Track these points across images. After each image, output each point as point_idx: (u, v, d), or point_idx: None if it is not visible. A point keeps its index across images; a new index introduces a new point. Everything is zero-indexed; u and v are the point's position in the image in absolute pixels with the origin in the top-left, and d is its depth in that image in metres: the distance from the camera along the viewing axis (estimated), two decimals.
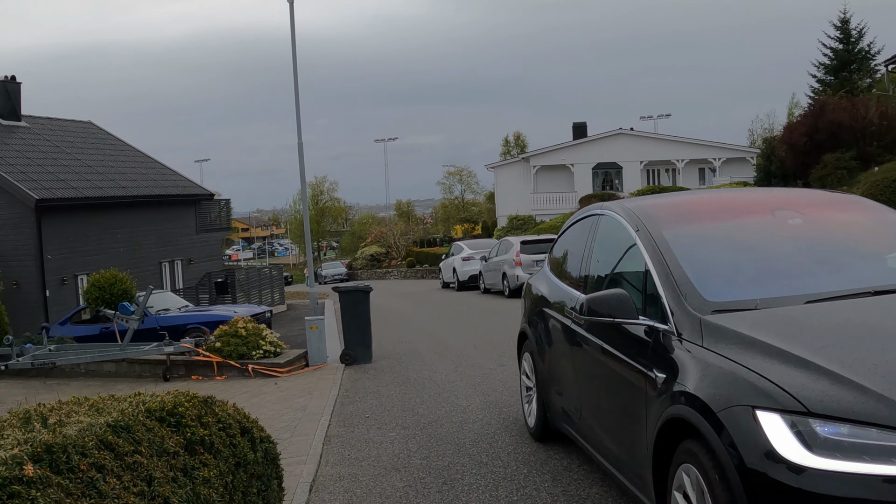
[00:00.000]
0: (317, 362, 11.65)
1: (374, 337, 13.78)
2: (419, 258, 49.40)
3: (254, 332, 11.41)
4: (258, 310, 15.38)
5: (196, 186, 29.53)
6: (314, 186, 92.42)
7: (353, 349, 11.83)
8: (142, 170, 28.70)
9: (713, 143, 48.22)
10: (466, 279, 27.87)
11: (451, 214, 79.59)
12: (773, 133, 65.71)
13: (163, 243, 27.49)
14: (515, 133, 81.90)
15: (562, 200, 46.09)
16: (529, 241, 22.70)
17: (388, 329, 16.65)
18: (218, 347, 11.37)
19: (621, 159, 46.91)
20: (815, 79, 50.34)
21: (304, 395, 9.59)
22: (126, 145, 30.89)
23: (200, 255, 29.29)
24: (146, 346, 11.77)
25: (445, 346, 13.06)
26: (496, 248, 24.75)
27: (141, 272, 26.18)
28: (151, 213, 27.13)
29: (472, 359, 11.49)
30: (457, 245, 30.76)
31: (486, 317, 17.37)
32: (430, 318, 18.41)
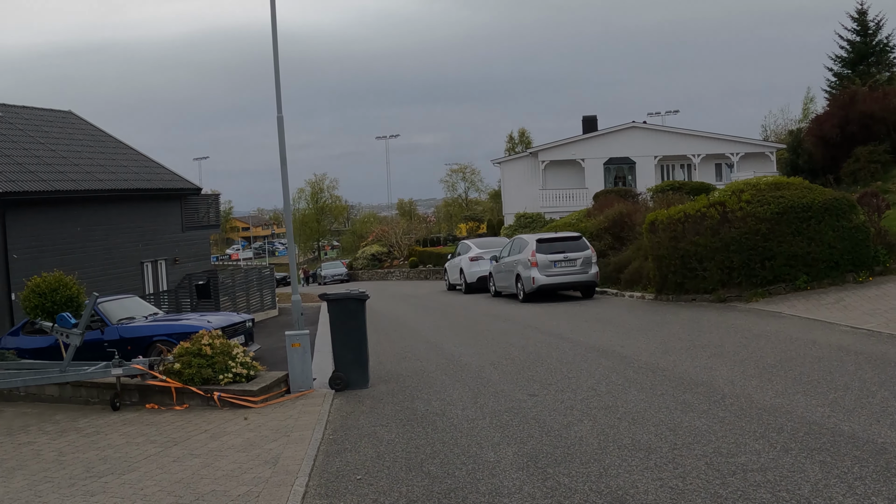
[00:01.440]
0: (300, 388, 9.43)
1: (372, 351, 11.56)
2: (422, 258, 47.14)
3: (222, 351, 9.19)
4: (237, 318, 13.15)
5: (182, 180, 27.32)
6: (314, 184, 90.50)
7: (346, 370, 9.62)
8: (123, 162, 26.48)
9: (731, 137, 45.91)
10: (475, 281, 25.64)
11: (455, 213, 77.52)
12: (787, 128, 63.82)
13: (145, 242, 25.27)
14: (520, 129, 79.87)
15: (572, 197, 43.80)
16: (546, 240, 20.45)
17: (388, 340, 14.40)
18: (177, 370, 9.16)
19: (634, 154, 44.63)
20: (832, 72, 48.49)
21: (278, 438, 7.36)
22: (107, 136, 28.66)
23: (187, 254, 27.06)
24: (90, 368, 9.56)
25: (458, 365, 10.83)
26: (508, 247, 22.50)
27: (120, 273, 24.00)
28: (132, 209, 24.90)
29: (493, 383, 9.26)
30: (463, 244, 28.50)
31: (500, 326, 15.12)
32: (437, 326, 16.17)
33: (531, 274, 19.87)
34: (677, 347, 11.04)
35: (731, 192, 18.75)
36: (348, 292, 9.59)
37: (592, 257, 20.35)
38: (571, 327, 14.06)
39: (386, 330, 16.29)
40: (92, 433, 8.42)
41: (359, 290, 9.69)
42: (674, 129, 45.28)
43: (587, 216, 27.92)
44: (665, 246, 18.02)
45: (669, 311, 15.81)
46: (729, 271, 17.24)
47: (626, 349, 11.15)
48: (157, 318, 13.28)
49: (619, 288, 20.89)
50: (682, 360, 9.98)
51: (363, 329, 9.65)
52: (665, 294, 18.32)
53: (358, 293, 9.53)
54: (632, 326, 13.73)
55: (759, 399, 7.62)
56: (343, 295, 9.54)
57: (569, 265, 20.00)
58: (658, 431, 6.72)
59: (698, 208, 17.75)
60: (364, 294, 9.56)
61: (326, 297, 9.55)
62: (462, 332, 14.68)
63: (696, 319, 14.07)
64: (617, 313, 16.12)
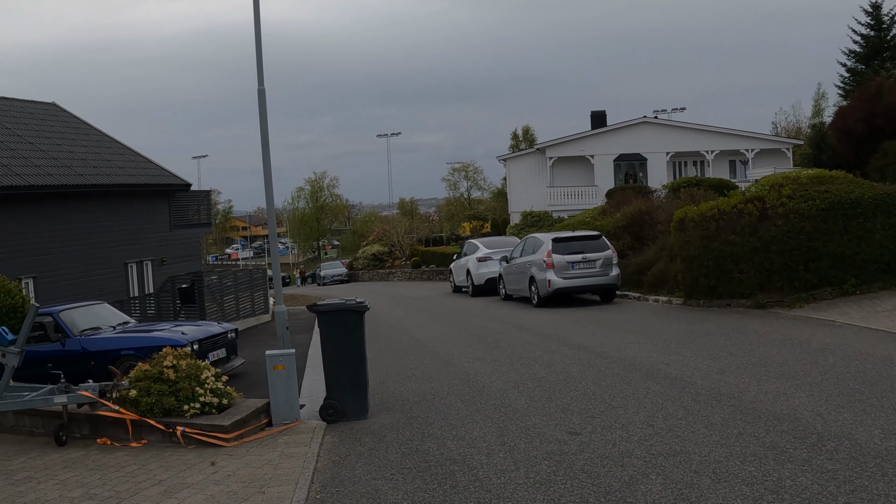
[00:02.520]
0: (284, 420, 7.71)
1: (373, 366, 9.89)
2: (425, 258, 45.41)
3: (188, 374, 7.48)
4: (217, 329, 11.44)
5: (170, 175, 25.60)
6: (313, 183, 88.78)
7: (340, 397, 7.92)
8: (106, 156, 24.76)
9: (745, 132, 44.21)
10: (483, 283, 23.92)
11: (457, 212, 75.83)
12: (798, 124, 62.15)
13: (129, 241, 23.55)
14: (524, 127, 78.32)
15: (581, 195, 42.09)
16: (563, 239, 18.72)
17: (391, 353, 12.69)
18: (133, 398, 7.46)
19: (646, 150, 42.88)
20: (845, 67, 47.08)
21: (249, 497, 5.65)
22: (91, 129, 26.95)
23: (175, 254, 25.36)
24: (30, 394, 7.86)
25: (474, 387, 9.12)
26: (520, 246, 20.79)
27: (102, 275, 22.30)
28: (116, 206, 23.19)
29: (521, 414, 7.56)
30: (470, 243, 26.77)
31: (517, 336, 13.40)
32: (445, 335, 14.46)
33: (547, 276, 18.15)
34: (733, 366, 9.33)
35: (768, 187, 17.04)
36: (343, 302, 7.88)
37: (613, 258, 18.63)
38: (599, 338, 12.35)
39: (388, 339, 14.58)
40: (22, 480, 6.72)
41: (356, 298, 7.99)
42: (686, 125, 43.53)
43: (602, 214, 26.19)
44: (696, 246, 16.31)
45: (705, 318, 14.10)
46: (768, 274, 15.54)
47: (673, 368, 9.44)
48: (126, 329, 11.56)
49: (642, 291, 19.18)
50: (745, 384, 8.27)
51: (362, 347, 7.95)
52: (695, 299, 16.62)
53: (355, 304, 7.82)
54: (668, 337, 12.02)
55: (867, 441, 5.93)
56: (337, 306, 7.82)
57: (588, 267, 18.28)
58: (755, 494, 5.02)
59: (734, 204, 16.05)
60: (362, 305, 7.85)
61: (317, 308, 7.84)
62: (474, 343, 12.96)
63: (739, 329, 12.36)
64: (645, 321, 14.40)
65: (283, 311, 8.55)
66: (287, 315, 8.59)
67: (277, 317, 8.47)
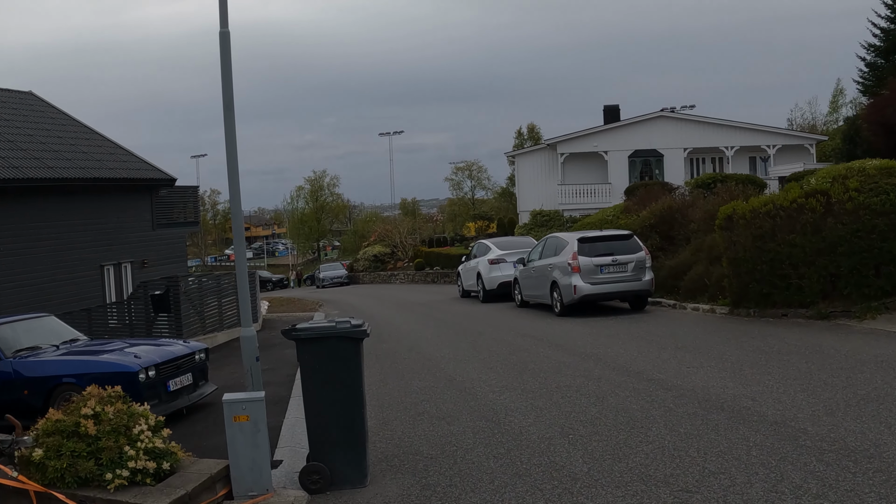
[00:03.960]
0: (250, 491, 5.50)
1: (374, 398, 7.77)
2: (429, 259, 43.19)
3: (116, 427, 5.28)
4: (180, 350, 9.25)
5: (153, 169, 23.41)
6: (313, 182, 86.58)
7: (329, 458, 5.74)
8: (83, 148, 22.58)
9: (766, 127, 42.01)
10: (495, 287, 21.74)
11: (460, 212, 73.72)
12: (815, 121, 59.95)
13: (106, 241, 21.40)
14: (529, 125, 76.14)
15: (594, 193, 39.93)
16: (590, 239, 16.52)
17: (395, 376, 10.51)
18: (38, 460, 5.29)
19: (662, 146, 40.68)
20: (864, 62, 45.38)
21: None
22: (70, 119, 24.77)
23: (158, 255, 23.20)
24: None
25: (509, 434, 6.94)
26: (540, 248, 18.60)
27: (75, 279, 20.14)
28: (91, 202, 21.05)
29: (585, 484, 5.39)
30: (481, 244, 24.58)
31: (547, 355, 11.21)
32: (460, 352, 12.29)
33: (572, 281, 15.95)
34: (839, 402, 7.15)
35: (830, 179, 14.86)
36: (332, 325, 5.68)
37: (646, 261, 16.44)
38: (648, 358, 10.16)
39: (392, 357, 12.40)
40: None
41: (350, 320, 5.78)
42: (705, 119, 41.29)
43: (625, 212, 24.00)
44: (747, 247, 14.13)
45: (764, 332, 11.91)
46: (833, 279, 13.38)
47: (763, 404, 7.26)
48: (72, 350, 9.37)
49: (677, 298, 16.99)
50: (875, 432, 6.10)
51: (358, 388, 5.75)
52: (743, 307, 14.43)
53: (349, 327, 5.62)
54: (733, 358, 9.84)
55: None
56: (324, 330, 5.62)
57: (618, 270, 16.09)
58: None
59: (793, 198, 13.86)
60: (360, 330, 5.64)
61: (296, 334, 5.64)
62: (496, 363, 10.76)
63: (814, 347, 10.18)
64: (694, 335, 12.20)
65: (252, 335, 6.37)
66: (256, 341, 6.39)
67: (244, 343, 6.30)
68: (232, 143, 6.22)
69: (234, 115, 6.19)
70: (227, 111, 6.21)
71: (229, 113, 6.19)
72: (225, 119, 6.21)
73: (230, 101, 6.27)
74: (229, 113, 6.19)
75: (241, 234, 6.55)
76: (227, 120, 6.21)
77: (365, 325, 5.74)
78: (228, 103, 6.24)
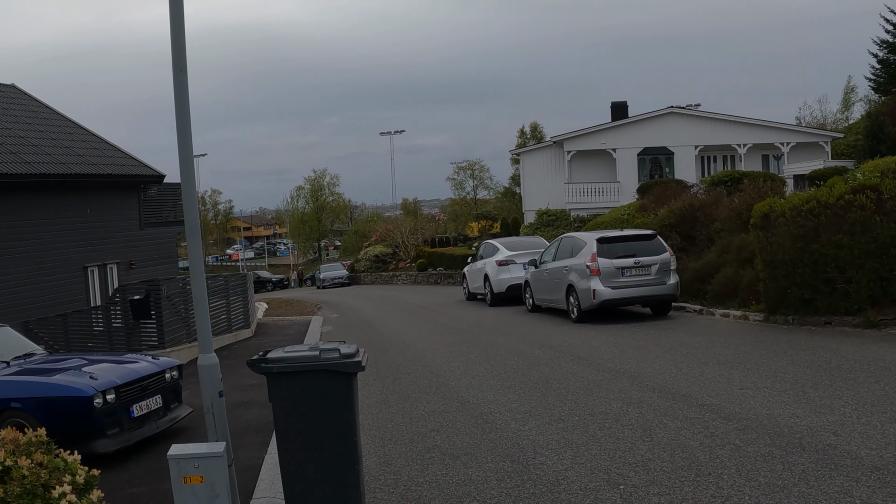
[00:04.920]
0: None
1: (373, 427, 6.45)
2: (431, 260, 41.82)
3: (30, 488, 3.97)
4: (147, 369, 7.90)
5: (141, 165, 22.09)
6: (313, 181, 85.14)
7: None
8: (65, 142, 21.26)
9: (780, 124, 40.67)
10: (504, 290, 20.42)
11: (462, 212, 72.37)
12: (826, 119, 58.56)
13: (90, 241, 20.08)
14: (532, 123, 74.69)
15: (601, 192, 38.59)
16: (610, 239, 15.18)
17: (398, 398, 9.16)
18: None
19: (672, 143, 39.31)
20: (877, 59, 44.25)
21: None
22: (54, 113, 23.46)
23: (146, 256, 21.88)
24: None
25: (543, 484, 5.59)
26: (553, 248, 17.26)
27: (56, 281, 18.83)
28: (74, 200, 19.74)
29: None
30: (488, 244, 23.23)
31: (572, 371, 9.86)
32: (471, 365, 10.95)
33: (591, 285, 14.62)
34: None
35: (878, 174, 13.56)
36: (316, 354, 4.28)
37: (671, 263, 15.11)
38: (691, 376, 8.81)
39: (394, 371, 11.07)
40: None
41: (339, 347, 4.38)
42: (716, 116, 39.91)
43: (641, 210, 22.67)
44: (787, 248, 12.80)
45: (813, 343, 10.57)
46: (884, 284, 12.05)
47: (850, 441, 5.92)
48: (24, 369, 8.02)
49: (703, 303, 15.65)
50: None
51: (351, 440, 4.32)
52: (781, 314, 13.11)
53: (338, 357, 4.22)
54: (787, 376, 8.50)
55: None
56: (305, 362, 4.21)
57: (641, 273, 14.75)
58: None
59: (840, 195, 12.52)
60: (352, 362, 4.23)
61: (266, 366, 4.26)
62: (514, 380, 9.41)
63: (876, 362, 8.88)
64: (734, 346, 10.85)
65: (213, 364, 4.97)
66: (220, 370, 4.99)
67: (203, 375, 4.94)
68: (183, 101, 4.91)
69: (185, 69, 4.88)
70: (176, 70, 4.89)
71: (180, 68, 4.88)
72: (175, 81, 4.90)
73: (181, 47, 4.95)
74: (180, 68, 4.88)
75: (194, 222, 5.21)
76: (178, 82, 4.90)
77: (360, 353, 4.39)
78: (179, 48, 4.91)
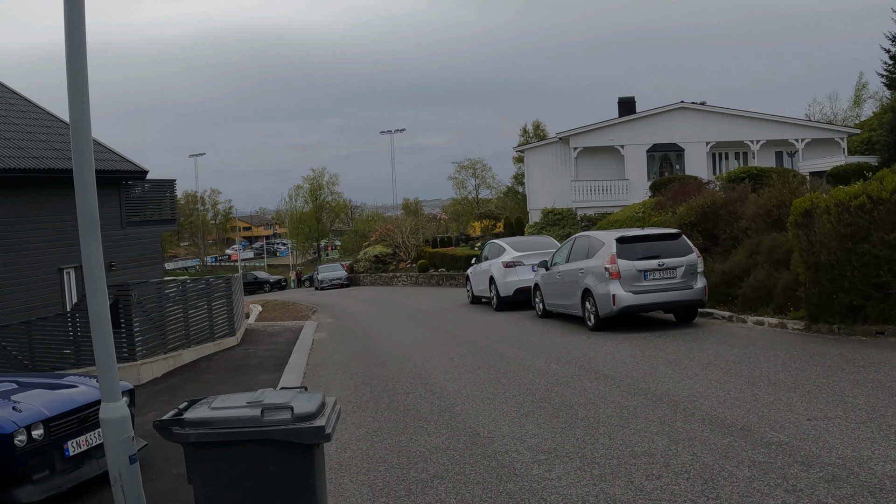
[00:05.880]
0: None
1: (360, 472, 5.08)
2: (433, 260, 40.38)
3: None
4: (85, 395, 6.47)
5: (122, 160, 20.67)
6: (312, 180, 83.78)
7: None
8: (41, 136, 19.84)
9: (795, 120, 39.28)
10: (511, 294, 19.02)
11: (464, 211, 70.97)
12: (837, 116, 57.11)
13: (66, 241, 18.61)
14: (535, 122, 73.40)
15: (609, 190, 37.17)
16: (631, 239, 13.74)
17: (395, 427, 7.73)
18: None
19: (682, 139, 37.88)
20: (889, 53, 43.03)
21: None
22: (31, 105, 22.03)
23: (128, 257, 20.45)
24: None
25: None
26: (566, 249, 15.84)
27: (28, 283, 17.44)
28: (48, 197, 18.32)
29: None
30: (493, 244, 21.80)
31: (598, 392, 8.44)
32: (480, 384, 9.53)
33: (610, 289, 13.19)
34: None
35: None
36: (257, 414, 2.83)
37: (698, 265, 13.68)
38: (743, 402, 7.38)
39: (391, 389, 9.63)
40: None
41: (297, 394, 2.93)
42: (728, 111, 38.47)
43: (657, 208, 21.24)
44: (832, 248, 11.39)
45: (871, 358, 9.15)
46: None
47: None
48: None
49: (733, 309, 14.24)
50: None
51: None
52: (825, 322, 11.69)
53: (289, 421, 2.76)
54: (859, 401, 7.09)
55: None
56: (241, 427, 2.77)
57: (666, 276, 13.33)
58: None
59: (895, 188, 11.10)
60: (312, 428, 2.76)
61: (180, 432, 2.87)
62: (533, 406, 7.97)
63: None
64: (781, 362, 9.41)
65: (121, 416, 3.50)
66: (131, 426, 3.57)
67: (105, 430, 3.53)
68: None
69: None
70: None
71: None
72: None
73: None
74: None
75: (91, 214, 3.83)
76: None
77: (325, 411, 2.98)
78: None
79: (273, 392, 3.10)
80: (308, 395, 3.07)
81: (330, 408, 3.04)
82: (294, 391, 3.10)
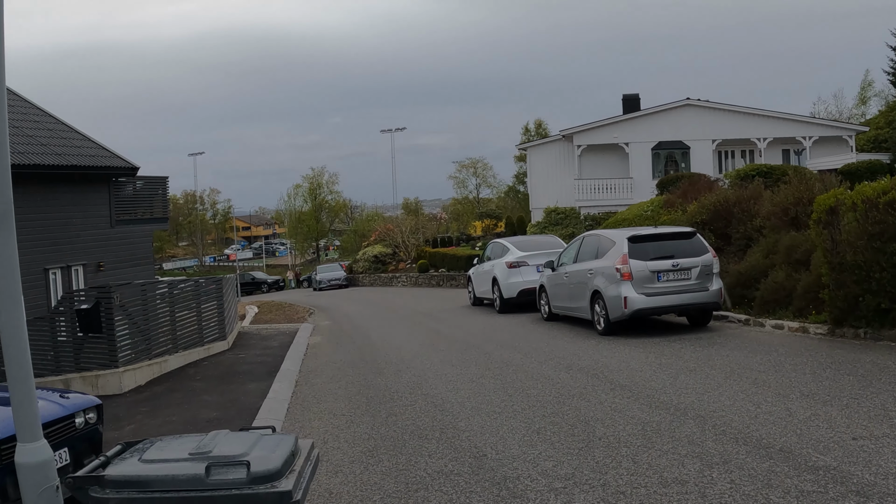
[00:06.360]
0: None
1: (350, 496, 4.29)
2: (433, 260, 39.66)
3: None
4: (47, 413, 5.78)
5: (112, 156, 19.97)
6: (311, 179, 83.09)
7: None
8: (28, 130, 19.16)
9: (802, 117, 38.58)
10: (515, 295, 18.31)
11: (465, 210, 70.30)
12: (843, 114, 56.42)
13: (52, 240, 17.98)
14: (537, 121, 72.89)
15: (613, 188, 36.49)
16: (643, 238, 13.02)
17: (390, 445, 7.01)
18: None
19: (688, 137, 37.19)
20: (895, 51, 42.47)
21: None
22: (19, 99, 21.31)
23: (117, 257, 19.77)
24: None
25: None
26: (574, 249, 15.13)
27: None
28: (34, 195, 17.62)
29: None
30: (496, 244, 21.09)
31: (616, 406, 7.73)
32: (486, 397, 8.82)
33: (621, 291, 12.47)
34: None
35: None
36: (201, 467, 2.18)
37: (714, 265, 12.98)
38: (776, 418, 6.67)
39: (389, 400, 8.93)
40: None
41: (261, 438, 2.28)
42: (735, 108, 37.75)
43: (666, 206, 20.53)
44: (859, 248, 10.68)
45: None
46: None
47: None
48: None
49: (749, 312, 13.53)
50: None
51: None
52: (850, 326, 10.99)
53: (242, 482, 2.11)
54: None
55: None
56: (179, 488, 2.19)
57: (680, 278, 12.62)
58: None
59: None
60: (272, 492, 2.12)
61: (100, 496, 2.27)
62: (545, 422, 7.26)
63: None
64: (811, 371, 8.71)
65: (43, 460, 2.81)
66: (55, 471, 2.90)
67: (22, 477, 2.87)
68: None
69: None
70: None
71: None
72: None
73: None
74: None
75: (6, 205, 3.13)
76: None
77: (296, 465, 2.29)
78: None
79: (227, 436, 2.37)
80: (275, 439, 2.34)
81: (303, 459, 2.32)
82: (257, 434, 2.38)
